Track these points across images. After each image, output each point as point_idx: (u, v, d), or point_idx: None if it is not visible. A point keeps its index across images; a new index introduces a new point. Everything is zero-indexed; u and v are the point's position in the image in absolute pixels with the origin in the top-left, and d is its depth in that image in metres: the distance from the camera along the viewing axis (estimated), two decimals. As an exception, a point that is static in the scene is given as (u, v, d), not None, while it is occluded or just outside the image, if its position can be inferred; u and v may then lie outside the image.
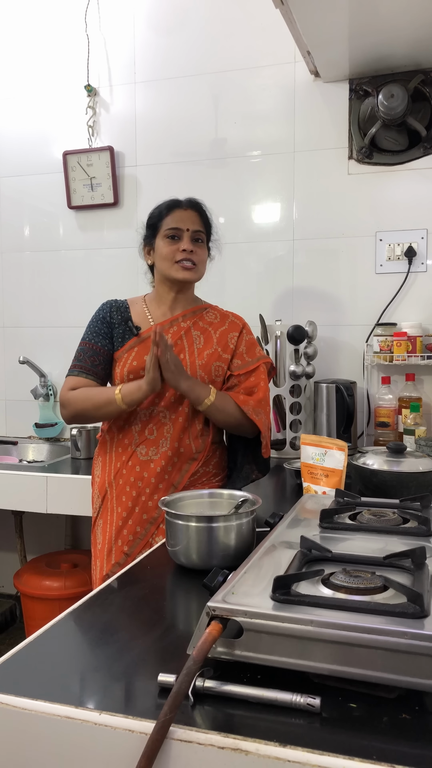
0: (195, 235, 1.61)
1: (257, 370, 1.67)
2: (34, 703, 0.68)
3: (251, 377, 1.65)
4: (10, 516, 2.69)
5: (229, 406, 1.59)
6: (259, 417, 1.59)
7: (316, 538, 0.95)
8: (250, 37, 2.46)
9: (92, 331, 1.66)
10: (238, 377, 1.65)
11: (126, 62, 2.63)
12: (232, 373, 1.65)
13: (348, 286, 2.42)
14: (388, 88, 2.19)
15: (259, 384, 1.65)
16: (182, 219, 1.60)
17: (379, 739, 0.61)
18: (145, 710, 0.66)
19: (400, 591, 0.73)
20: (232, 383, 1.66)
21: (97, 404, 1.57)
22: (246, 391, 1.64)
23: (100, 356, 1.64)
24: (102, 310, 1.69)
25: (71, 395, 1.61)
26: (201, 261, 1.63)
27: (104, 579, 1.55)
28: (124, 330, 1.65)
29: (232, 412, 1.60)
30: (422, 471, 1.47)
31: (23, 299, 2.84)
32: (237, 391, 1.65)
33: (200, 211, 1.63)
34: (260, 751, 0.60)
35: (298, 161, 2.44)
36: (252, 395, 1.63)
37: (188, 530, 1.07)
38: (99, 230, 2.71)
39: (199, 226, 1.62)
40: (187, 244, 1.59)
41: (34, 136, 2.77)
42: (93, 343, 1.65)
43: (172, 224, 1.60)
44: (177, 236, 1.60)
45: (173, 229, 1.60)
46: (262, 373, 1.67)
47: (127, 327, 1.65)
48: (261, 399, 1.62)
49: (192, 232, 1.60)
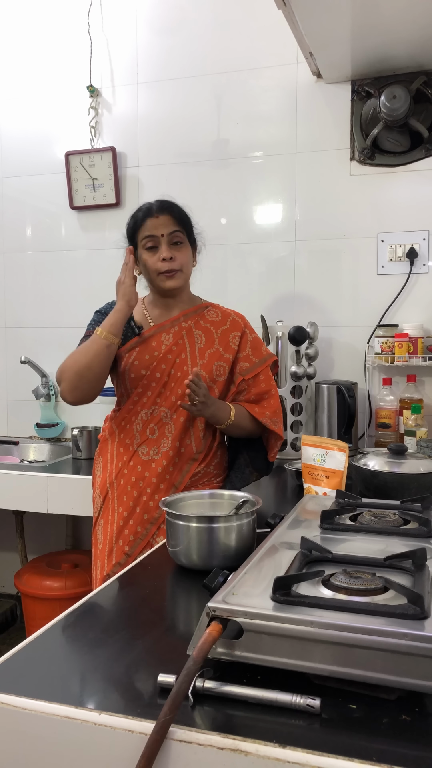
0: (172, 237, 1.61)
1: (265, 372, 1.69)
2: (34, 703, 0.68)
3: (261, 383, 1.67)
4: (11, 516, 2.69)
5: (245, 421, 1.64)
6: (278, 426, 1.65)
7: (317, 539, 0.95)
8: (252, 38, 2.46)
9: (95, 322, 1.66)
10: (246, 381, 1.67)
11: (128, 63, 2.63)
12: (243, 378, 1.66)
13: (349, 288, 2.42)
14: (391, 90, 2.19)
15: (270, 391, 1.68)
16: (155, 226, 1.60)
17: (379, 741, 0.61)
18: (144, 710, 0.66)
19: (400, 592, 0.73)
20: (241, 387, 1.67)
21: (84, 351, 1.55)
22: (257, 397, 1.67)
23: None
24: (105, 307, 1.70)
25: (62, 364, 1.58)
26: (183, 263, 1.63)
27: (105, 579, 1.55)
28: (126, 329, 1.65)
29: (248, 425, 1.64)
30: (423, 472, 1.47)
31: (25, 299, 2.85)
32: (248, 395, 1.67)
33: (172, 212, 1.62)
34: (260, 752, 0.60)
35: (300, 162, 2.44)
36: (263, 402, 1.66)
37: (189, 531, 1.07)
38: (101, 231, 2.72)
39: (174, 226, 1.61)
40: (166, 251, 1.59)
41: (36, 137, 2.78)
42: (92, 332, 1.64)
43: (147, 233, 1.60)
44: (155, 245, 1.60)
45: (149, 238, 1.60)
46: (270, 378, 1.70)
47: (129, 326, 1.66)
48: (276, 409, 1.67)
49: (168, 236, 1.60)
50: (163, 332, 1.64)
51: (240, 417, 1.62)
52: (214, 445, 1.68)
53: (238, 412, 1.62)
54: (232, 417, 1.59)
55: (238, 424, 1.62)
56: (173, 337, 1.64)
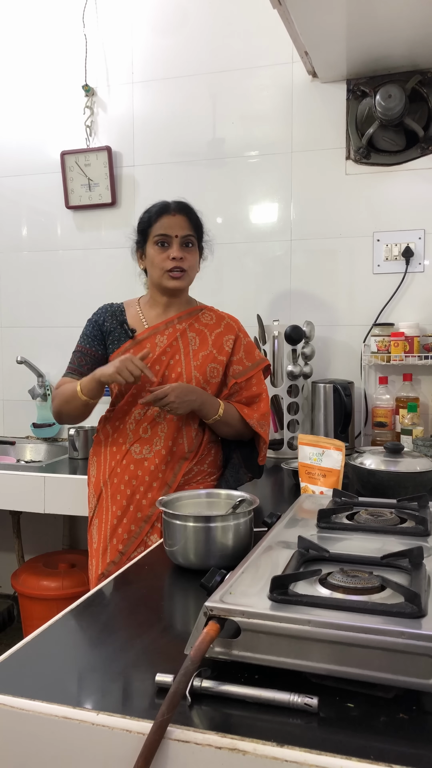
0: (184, 240, 1.61)
1: (257, 376, 1.70)
2: (31, 704, 0.68)
3: (253, 386, 1.68)
4: (7, 516, 2.68)
5: (234, 419, 1.63)
6: (264, 429, 1.66)
7: (314, 538, 0.96)
8: (247, 38, 2.46)
9: (84, 334, 1.70)
10: (239, 384, 1.68)
11: (124, 62, 2.63)
12: (236, 381, 1.67)
13: (345, 287, 2.42)
14: (386, 89, 2.19)
15: (261, 395, 1.68)
16: (170, 225, 1.60)
17: (377, 739, 0.61)
18: (142, 710, 0.66)
19: (397, 591, 0.73)
20: (233, 390, 1.68)
21: (66, 398, 1.62)
22: (248, 400, 1.68)
23: (88, 357, 1.67)
24: (96, 314, 1.72)
25: (53, 393, 1.69)
26: (191, 266, 1.63)
27: (100, 578, 1.55)
28: (120, 333, 1.66)
29: (236, 424, 1.64)
30: (419, 471, 1.47)
31: (21, 299, 2.84)
32: (239, 396, 1.68)
33: (189, 215, 1.63)
34: (258, 751, 0.60)
35: (295, 161, 2.44)
36: (254, 405, 1.67)
37: (186, 530, 1.07)
38: (97, 230, 2.71)
39: (188, 230, 1.62)
40: (177, 251, 1.60)
41: (31, 136, 2.77)
42: (83, 345, 1.69)
43: (161, 230, 1.60)
44: (166, 243, 1.61)
45: (162, 235, 1.60)
46: (262, 381, 1.71)
47: (123, 330, 1.66)
48: (265, 413, 1.67)
49: (181, 238, 1.60)
50: (158, 334, 1.65)
51: (229, 415, 1.62)
52: (209, 444, 1.68)
53: (227, 409, 1.62)
54: (220, 413, 1.60)
55: (226, 422, 1.62)
56: (167, 338, 1.64)
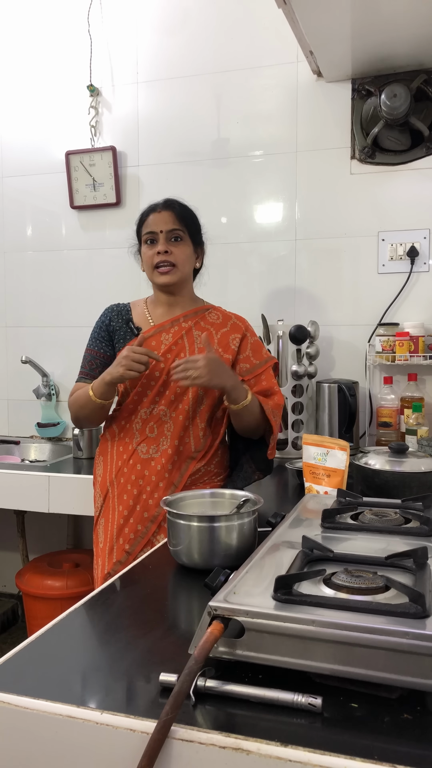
0: (170, 234, 1.62)
1: (267, 373, 1.68)
2: (35, 703, 0.68)
3: (263, 381, 1.67)
4: (12, 515, 2.69)
5: (257, 407, 1.59)
6: (276, 419, 1.62)
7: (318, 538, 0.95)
8: (252, 37, 2.46)
9: (93, 337, 1.71)
10: (248, 381, 1.66)
11: (128, 62, 2.63)
12: (243, 378, 1.65)
13: (350, 286, 2.41)
14: (391, 88, 2.19)
15: (273, 387, 1.67)
16: (156, 222, 1.62)
17: (381, 740, 0.61)
18: (146, 710, 0.66)
19: (401, 591, 0.73)
20: None
21: (81, 404, 1.62)
22: (261, 393, 1.65)
23: (98, 360, 1.68)
24: (103, 315, 1.72)
25: (69, 401, 1.68)
26: (180, 260, 1.63)
27: (106, 577, 1.56)
28: (126, 332, 1.67)
29: (258, 414, 1.60)
30: (424, 471, 1.46)
31: (26, 299, 2.85)
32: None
33: (174, 209, 1.63)
34: (261, 751, 0.60)
35: (300, 161, 2.44)
36: (269, 397, 1.65)
37: (190, 530, 1.07)
38: (101, 230, 2.71)
39: (174, 224, 1.62)
40: (162, 245, 1.61)
41: (36, 136, 2.78)
42: (92, 348, 1.70)
43: (148, 229, 1.63)
44: (153, 240, 1.63)
45: (149, 233, 1.63)
46: (272, 377, 1.69)
47: (129, 328, 1.67)
48: (278, 404, 1.64)
49: (166, 233, 1.61)
50: (163, 332, 1.65)
51: (254, 403, 1.58)
52: (215, 443, 1.67)
53: (253, 397, 1.58)
54: (248, 398, 1.55)
55: (251, 410, 1.57)
56: (173, 336, 1.64)
